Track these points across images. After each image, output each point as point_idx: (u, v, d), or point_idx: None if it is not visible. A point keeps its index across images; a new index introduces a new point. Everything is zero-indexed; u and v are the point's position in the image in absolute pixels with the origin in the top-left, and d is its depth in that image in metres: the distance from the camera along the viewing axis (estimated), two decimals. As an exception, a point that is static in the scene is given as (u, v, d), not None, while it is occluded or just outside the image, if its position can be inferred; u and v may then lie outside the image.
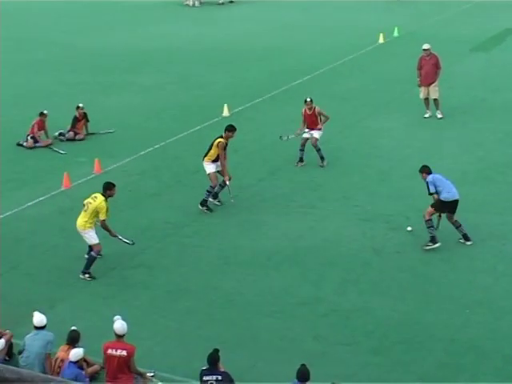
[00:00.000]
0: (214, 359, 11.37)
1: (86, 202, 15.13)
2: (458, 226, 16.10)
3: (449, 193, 15.82)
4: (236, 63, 31.85)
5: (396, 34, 36.33)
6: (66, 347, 11.94)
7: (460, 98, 26.18)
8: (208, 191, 17.81)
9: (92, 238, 15.02)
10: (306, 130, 20.60)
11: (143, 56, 33.22)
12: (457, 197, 15.90)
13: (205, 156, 17.97)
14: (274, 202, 18.36)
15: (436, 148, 21.78)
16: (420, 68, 24.29)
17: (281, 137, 20.96)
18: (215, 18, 42.58)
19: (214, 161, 17.85)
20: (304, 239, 16.55)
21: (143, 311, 13.95)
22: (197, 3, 46.41)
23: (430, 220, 15.89)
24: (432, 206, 15.94)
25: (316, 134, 20.51)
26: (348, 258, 15.76)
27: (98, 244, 15.03)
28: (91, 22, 41.68)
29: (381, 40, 34.93)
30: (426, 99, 24.24)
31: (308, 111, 20.66)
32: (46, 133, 22.58)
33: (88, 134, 23.16)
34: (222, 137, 17.89)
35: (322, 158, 20.49)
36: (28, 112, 24.10)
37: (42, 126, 22.48)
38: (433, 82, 24.07)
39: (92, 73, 30.50)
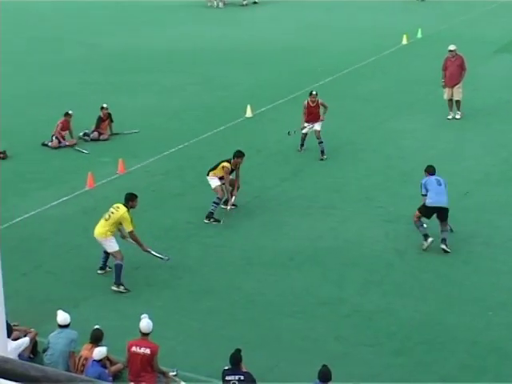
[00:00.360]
0: (236, 359, 11.40)
1: (108, 210, 15.01)
2: (443, 230, 15.80)
3: (432, 199, 15.68)
4: (259, 64, 31.88)
5: (419, 35, 36.19)
6: (90, 346, 12.02)
7: (484, 100, 26.05)
8: (215, 202, 17.39)
9: (113, 245, 14.86)
10: (306, 124, 21.04)
11: (167, 57, 33.32)
12: (441, 204, 15.63)
13: (209, 171, 17.64)
14: (297, 203, 18.37)
15: (459, 149, 21.70)
16: (445, 69, 24.23)
17: (289, 132, 21.24)
18: (239, 19, 42.63)
19: (220, 178, 17.55)
20: (326, 240, 16.55)
21: (166, 311, 14.01)
22: (220, 4, 46.48)
23: (419, 221, 15.90)
24: (418, 209, 15.95)
25: (317, 125, 21.01)
26: (370, 258, 15.74)
27: (120, 251, 14.85)
28: (116, 22, 41.86)
29: (404, 41, 34.82)
30: (450, 100, 24.16)
31: (311, 103, 21.11)
32: (70, 133, 22.72)
33: (112, 134, 23.27)
34: (228, 161, 17.52)
35: (323, 152, 20.88)
36: (53, 112, 24.25)
37: (66, 126, 22.61)
38: (457, 84, 23.98)
39: (116, 73, 30.64)
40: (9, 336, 11.42)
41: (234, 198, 17.62)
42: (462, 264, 15.51)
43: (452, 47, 24.36)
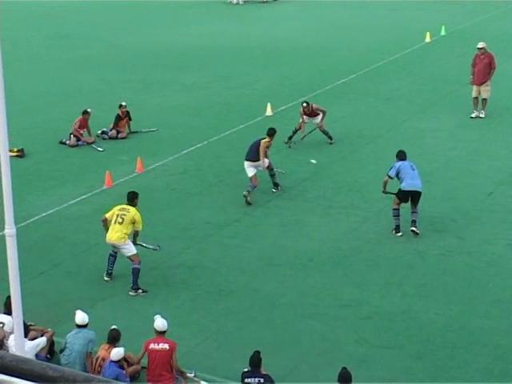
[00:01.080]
0: (256, 361, 11.40)
1: (117, 214, 14.84)
2: (414, 212, 16.50)
3: (407, 183, 16.39)
4: (279, 62, 31.86)
5: (443, 32, 36.06)
6: (107, 346, 12.06)
7: (508, 99, 25.91)
8: (272, 174, 18.95)
9: (131, 248, 14.79)
10: (306, 118, 21.82)
11: (186, 54, 33.38)
12: (416, 188, 16.42)
13: (251, 157, 18.59)
14: (317, 203, 18.35)
15: (483, 149, 21.60)
16: (473, 66, 24.14)
17: (289, 144, 21.76)
18: (259, 16, 42.64)
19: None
20: (347, 240, 16.52)
21: (184, 311, 14.03)
22: (240, 1, 46.52)
23: (397, 210, 16.50)
24: (396, 194, 16.57)
25: (317, 118, 21.73)
26: (392, 260, 15.69)
27: (137, 254, 14.80)
28: (135, 20, 41.98)
29: (427, 39, 34.70)
30: (476, 98, 24.05)
31: (307, 111, 21.79)
32: (88, 131, 22.79)
33: (130, 132, 23.33)
34: (264, 139, 18.83)
35: (331, 138, 21.92)
36: (71, 110, 24.36)
37: (84, 124, 22.69)
38: (484, 82, 23.87)
39: (134, 71, 30.73)
40: (25, 336, 11.48)
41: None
42: (486, 265, 15.43)
43: (481, 44, 24.24)
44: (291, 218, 17.63)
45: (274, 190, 18.89)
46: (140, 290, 14.66)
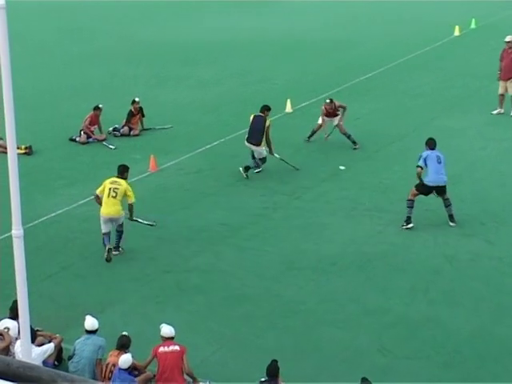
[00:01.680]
0: (273, 371, 11.39)
1: (109, 188, 15.99)
2: (447, 206, 16.94)
3: (431, 177, 16.78)
4: (299, 56, 31.84)
5: (473, 25, 35.92)
6: (116, 353, 12.06)
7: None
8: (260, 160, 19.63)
9: (123, 218, 16.08)
10: (327, 119, 21.71)
11: (201, 48, 33.42)
12: (440, 183, 16.81)
13: (257, 140, 19.65)
14: (339, 205, 18.31)
15: (514, 149, 21.50)
16: (501, 60, 24.04)
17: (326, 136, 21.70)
18: (277, 9, 42.62)
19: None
20: (371, 244, 16.48)
21: (198, 317, 14.03)
22: (259, -8, 46.52)
23: (412, 201, 16.82)
24: (415, 186, 16.83)
25: (336, 120, 21.49)
26: (418, 264, 15.64)
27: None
28: (148, 12, 42.08)
29: (456, 32, 34.58)
30: (502, 95, 23.94)
31: (329, 109, 21.67)
32: (99, 128, 22.85)
33: (143, 129, 23.38)
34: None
35: (355, 143, 21.47)
36: (81, 105, 24.44)
37: (95, 120, 22.75)
38: (511, 77, 23.75)
39: (147, 65, 30.81)
40: (33, 342, 11.50)
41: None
42: (517, 272, 15.35)
43: (508, 38, 24.12)
44: (312, 220, 17.61)
45: (242, 170, 19.50)
46: (121, 249, 16.12)
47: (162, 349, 11.90)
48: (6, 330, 12.39)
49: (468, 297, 14.50)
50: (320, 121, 21.77)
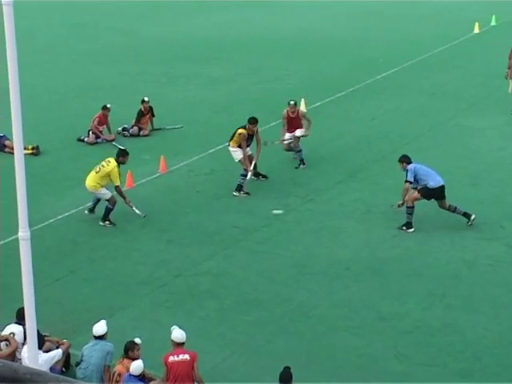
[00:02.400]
0: (286, 377, 11.41)
1: (100, 163, 17.43)
2: (453, 210, 17.11)
3: (434, 181, 16.95)
4: (313, 54, 31.86)
5: (493, 22, 35.85)
6: (123, 359, 12.07)
7: None
8: (243, 175, 19.00)
9: (106, 194, 17.39)
10: (288, 135, 20.64)
11: (212, 46, 33.47)
12: (442, 183, 17.02)
13: (229, 141, 19.39)
14: (353, 207, 18.32)
15: (536, 150, 21.47)
16: (510, 58, 24.02)
17: (265, 142, 20.42)
18: (290, 4, 42.61)
19: (239, 147, 19.22)
20: (386, 248, 16.48)
21: (209, 322, 14.07)
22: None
23: (413, 208, 17.01)
24: (419, 191, 16.97)
25: (298, 132, 20.66)
26: (435, 269, 15.63)
27: (113, 196, 17.36)
28: (157, 8, 42.16)
29: (476, 30, 34.53)
30: None
31: (291, 114, 20.73)
32: (108, 128, 22.92)
33: (153, 129, 23.43)
34: (244, 128, 19.21)
35: (302, 161, 20.52)
36: (90, 105, 24.52)
37: (104, 120, 22.83)
38: None
39: (157, 63, 30.88)
40: (40, 347, 11.56)
41: (253, 163, 19.22)
42: (538, 277, 15.33)
43: None
44: (325, 223, 17.62)
45: (235, 193, 18.96)
46: (107, 222, 17.37)
47: (171, 358, 11.87)
48: (11, 335, 12.44)
49: (487, 303, 14.48)
50: (282, 138, 20.89)
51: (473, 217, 17.14)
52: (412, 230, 17.06)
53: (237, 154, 19.32)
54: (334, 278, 15.43)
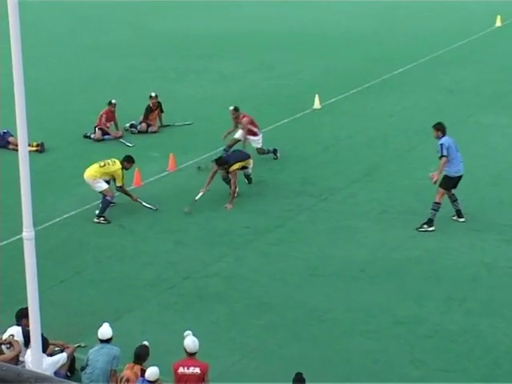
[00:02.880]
0: (299, 381, 11.39)
1: (105, 160, 17.92)
2: (453, 200, 17.22)
3: (455, 168, 17.05)
4: (328, 48, 31.80)
5: (516, 15, 35.69)
6: (132, 365, 12.06)
7: None
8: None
9: (103, 185, 17.75)
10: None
11: (223, 40, 33.44)
12: (461, 173, 17.13)
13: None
14: (370, 207, 18.28)
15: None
16: None
17: (199, 167, 20.25)
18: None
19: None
20: (403, 250, 16.43)
21: (219, 326, 14.06)
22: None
23: (440, 204, 16.91)
24: (440, 186, 16.93)
25: (254, 143, 20.48)
26: (454, 272, 15.58)
27: (109, 189, 17.76)
28: (165, 2, 42.14)
29: (498, 23, 34.40)
30: None
31: (234, 117, 20.73)
32: (115, 124, 22.93)
33: (162, 126, 23.43)
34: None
35: (275, 151, 20.79)
36: (97, 100, 24.51)
37: (111, 116, 22.82)
38: None
39: (166, 58, 30.87)
40: (44, 351, 11.57)
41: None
42: (561, 280, 15.27)
43: None
44: (340, 223, 17.59)
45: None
46: (102, 219, 17.60)
47: (181, 369, 11.80)
48: (10, 337, 12.45)
49: (508, 307, 14.43)
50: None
51: (462, 220, 17.25)
52: (433, 228, 17.02)
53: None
54: (349, 281, 15.39)
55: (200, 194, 18.29)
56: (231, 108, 20.84)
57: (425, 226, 17.00)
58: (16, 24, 9.52)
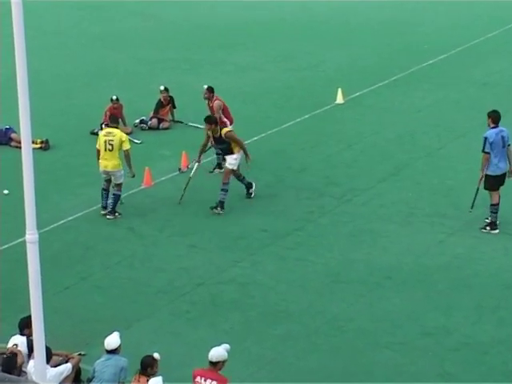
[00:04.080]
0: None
1: (104, 140, 18.05)
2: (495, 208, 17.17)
3: (496, 166, 16.99)
4: (351, 39, 31.78)
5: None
6: (138, 377, 12.11)
7: None
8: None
9: (122, 176, 18.14)
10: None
11: (239, 30, 33.45)
12: (503, 171, 17.09)
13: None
14: (396, 209, 18.30)
15: None
16: None
17: (179, 169, 20.11)
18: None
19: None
20: (431, 255, 16.45)
21: (234, 336, 14.09)
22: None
23: (497, 205, 17.04)
24: (484, 187, 17.02)
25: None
26: (486, 279, 15.59)
27: (122, 183, 18.15)
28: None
29: (534, 11, 34.31)
30: None
31: (206, 98, 20.67)
32: (122, 120, 22.92)
33: (174, 121, 23.45)
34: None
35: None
36: (102, 94, 24.56)
37: (116, 113, 22.78)
38: None
39: (178, 49, 30.92)
40: (48, 361, 11.65)
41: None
42: None
43: None
44: (364, 226, 17.61)
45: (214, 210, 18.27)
46: (117, 214, 18.05)
47: (198, 379, 11.76)
48: (14, 347, 12.54)
49: (543, 316, 14.45)
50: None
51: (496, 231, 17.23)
52: (497, 231, 17.10)
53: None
54: (374, 288, 15.42)
55: (193, 170, 18.61)
56: (205, 86, 20.77)
57: (487, 227, 17.13)
58: (19, 16, 9.58)
